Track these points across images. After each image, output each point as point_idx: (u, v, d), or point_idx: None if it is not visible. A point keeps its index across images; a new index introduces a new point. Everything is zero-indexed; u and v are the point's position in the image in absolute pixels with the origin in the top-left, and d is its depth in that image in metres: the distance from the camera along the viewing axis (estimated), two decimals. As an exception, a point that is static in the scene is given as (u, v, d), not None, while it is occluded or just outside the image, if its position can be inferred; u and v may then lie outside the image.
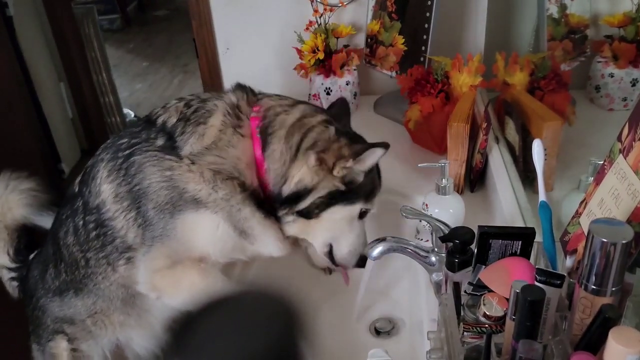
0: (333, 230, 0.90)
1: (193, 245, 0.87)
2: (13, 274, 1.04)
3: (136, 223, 0.87)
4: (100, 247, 0.90)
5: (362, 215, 0.90)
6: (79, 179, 0.94)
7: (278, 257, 0.91)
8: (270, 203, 0.87)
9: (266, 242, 0.89)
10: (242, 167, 0.85)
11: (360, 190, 0.88)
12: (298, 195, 0.85)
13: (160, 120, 0.88)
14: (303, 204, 0.85)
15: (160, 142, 0.86)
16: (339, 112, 0.97)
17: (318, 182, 0.85)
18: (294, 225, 0.88)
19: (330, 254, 0.93)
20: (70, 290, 0.96)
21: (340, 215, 0.88)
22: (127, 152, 0.87)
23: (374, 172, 0.92)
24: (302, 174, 0.84)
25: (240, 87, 0.92)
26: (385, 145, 0.84)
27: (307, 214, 0.87)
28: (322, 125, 0.87)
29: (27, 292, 1.03)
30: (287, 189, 0.85)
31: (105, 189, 0.88)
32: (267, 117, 0.86)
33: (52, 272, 0.97)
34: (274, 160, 0.85)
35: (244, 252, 0.91)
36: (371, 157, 0.85)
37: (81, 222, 0.91)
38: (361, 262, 0.93)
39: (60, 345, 0.99)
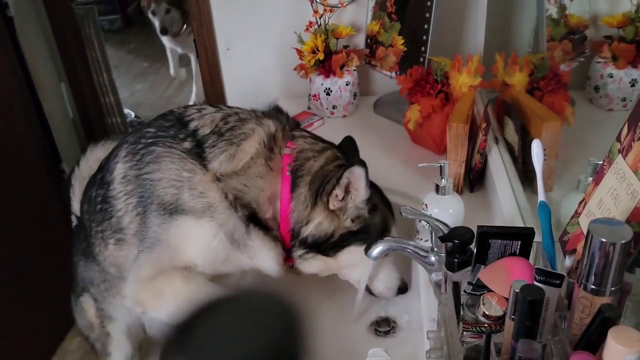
0: (356, 268, 0.92)
1: (182, 253, 0.86)
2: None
3: (135, 210, 0.88)
4: (100, 221, 0.93)
5: None
6: (107, 155, 0.97)
7: (272, 275, 0.92)
8: (283, 236, 0.90)
9: (265, 259, 0.90)
10: (262, 199, 0.87)
11: (372, 230, 0.91)
12: (320, 241, 0.89)
13: (192, 125, 0.88)
14: (323, 246, 0.89)
15: (187, 145, 0.86)
16: (349, 149, 1.00)
17: (335, 227, 0.89)
18: (314, 263, 0.91)
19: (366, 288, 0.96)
20: (90, 254, 0.99)
21: (357, 256, 0.90)
22: (150, 140, 0.88)
23: (383, 209, 0.94)
24: (322, 218, 0.88)
25: (278, 113, 0.94)
26: (360, 162, 0.85)
27: (325, 252, 0.90)
28: (335, 169, 0.91)
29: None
30: (307, 231, 0.88)
31: (118, 167, 0.90)
32: (298, 159, 0.89)
33: (81, 234, 1.02)
34: (299, 203, 0.88)
35: (233, 266, 0.91)
36: (354, 180, 0.86)
37: (94, 194, 0.94)
38: (401, 291, 0.97)
39: (88, 302, 1.04)
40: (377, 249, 0.84)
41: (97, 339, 1.08)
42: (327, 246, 0.89)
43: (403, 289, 0.97)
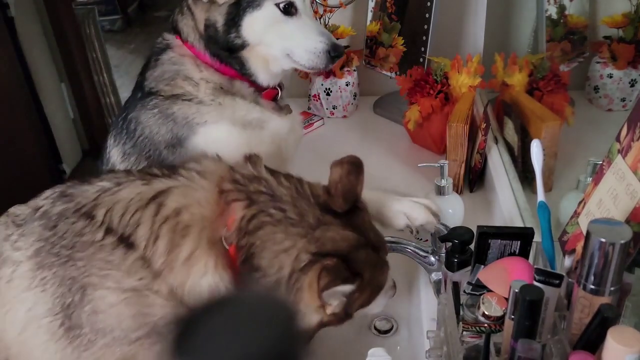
0: (273, 40, 0.89)
1: None
2: None
3: None
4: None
5: (287, 11, 0.88)
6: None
7: (288, 129, 0.96)
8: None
9: (269, 115, 0.94)
10: (184, 67, 0.91)
11: None
12: (219, 40, 0.89)
13: (137, 81, 0.98)
14: (225, 39, 0.89)
15: (139, 94, 0.93)
16: None
17: (216, 14, 0.88)
18: (251, 55, 0.90)
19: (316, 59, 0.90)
20: None
21: (260, 25, 0.88)
22: (124, 114, 0.94)
23: None
24: (207, 14, 0.88)
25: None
26: None
27: (233, 43, 0.88)
28: None
29: None
30: (211, 32, 0.89)
31: (114, 153, 0.94)
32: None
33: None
34: (188, 31, 0.91)
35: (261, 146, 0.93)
36: None
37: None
38: (335, 53, 0.90)
39: None
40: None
41: None
42: (226, 39, 0.88)
43: (336, 48, 0.90)
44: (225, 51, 0.90)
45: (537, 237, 0.67)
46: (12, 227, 0.68)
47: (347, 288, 0.63)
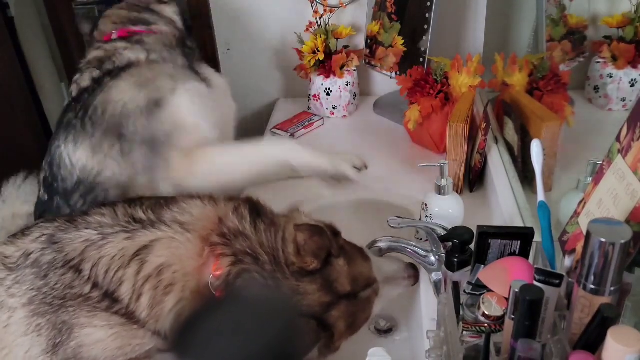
0: None
1: (187, 124, 0.94)
2: None
3: (123, 154, 0.90)
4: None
5: None
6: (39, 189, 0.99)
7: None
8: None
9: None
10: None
11: None
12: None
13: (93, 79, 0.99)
14: None
15: (85, 95, 0.96)
16: None
17: None
18: None
19: None
20: None
21: None
22: (80, 112, 0.93)
23: None
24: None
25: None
26: None
27: None
28: None
29: None
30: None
31: (80, 156, 0.91)
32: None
33: None
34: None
35: (221, 107, 1.03)
36: None
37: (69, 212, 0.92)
38: None
39: None
40: (376, 249, 0.85)
41: None
42: None
43: None
44: None
45: (537, 237, 0.67)
46: (4, 271, 0.72)
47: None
